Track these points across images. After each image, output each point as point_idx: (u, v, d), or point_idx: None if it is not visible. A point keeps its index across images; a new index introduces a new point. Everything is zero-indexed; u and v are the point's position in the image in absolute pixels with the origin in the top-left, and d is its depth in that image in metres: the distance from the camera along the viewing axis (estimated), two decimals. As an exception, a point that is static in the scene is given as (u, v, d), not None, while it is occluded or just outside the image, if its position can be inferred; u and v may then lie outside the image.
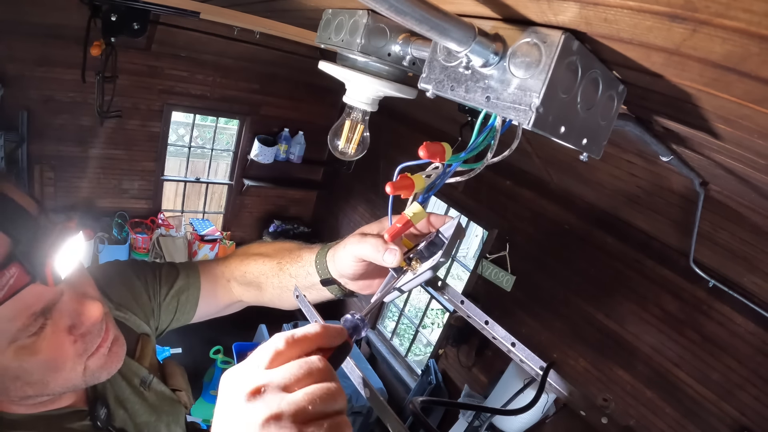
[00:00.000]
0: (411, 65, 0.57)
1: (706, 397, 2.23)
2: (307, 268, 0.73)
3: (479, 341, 3.28)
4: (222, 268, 0.89)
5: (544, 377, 0.48)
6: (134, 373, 0.72)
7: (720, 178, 1.20)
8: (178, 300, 0.85)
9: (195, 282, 0.87)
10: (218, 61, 3.89)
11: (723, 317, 2.18)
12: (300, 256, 0.76)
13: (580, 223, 2.82)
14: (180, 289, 0.85)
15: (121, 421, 0.67)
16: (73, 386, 0.57)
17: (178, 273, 0.86)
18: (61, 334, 0.53)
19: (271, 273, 0.81)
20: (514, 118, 0.39)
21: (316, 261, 0.71)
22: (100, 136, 3.74)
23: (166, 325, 0.86)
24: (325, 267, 0.69)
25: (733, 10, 0.25)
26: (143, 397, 0.71)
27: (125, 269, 0.83)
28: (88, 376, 0.57)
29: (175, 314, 0.85)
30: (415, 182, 0.50)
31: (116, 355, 0.60)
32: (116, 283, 0.78)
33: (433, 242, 0.53)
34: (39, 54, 3.18)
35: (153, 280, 0.83)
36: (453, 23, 0.35)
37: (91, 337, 0.56)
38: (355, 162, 2.96)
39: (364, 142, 0.66)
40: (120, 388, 0.69)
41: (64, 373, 0.54)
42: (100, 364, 0.58)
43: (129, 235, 4.00)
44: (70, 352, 0.54)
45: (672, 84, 0.41)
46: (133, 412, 0.69)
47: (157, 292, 0.83)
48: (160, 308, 0.83)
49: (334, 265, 0.67)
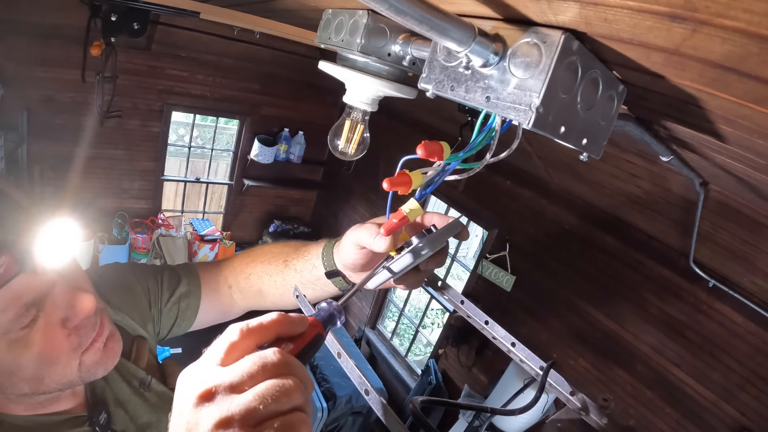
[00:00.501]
0: (411, 65, 0.57)
1: (706, 397, 2.23)
2: (313, 261, 0.74)
3: (479, 341, 3.28)
4: (226, 273, 0.88)
5: (544, 377, 0.48)
6: (132, 375, 0.72)
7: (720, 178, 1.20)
8: (178, 307, 0.84)
9: (196, 290, 0.86)
10: (218, 61, 3.89)
11: (723, 317, 2.18)
12: (307, 251, 0.77)
13: (580, 223, 2.82)
14: (181, 296, 0.84)
15: (122, 423, 0.66)
16: (68, 382, 0.56)
17: (179, 279, 0.86)
18: (55, 326, 0.52)
19: (276, 271, 0.81)
20: (514, 118, 0.39)
21: (323, 253, 0.72)
22: (100, 136, 3.74)
23: (167, 331, 0.86)
24: (331, 258, 0.70)
25: (733, 10, 0.25)
26: (144, 397, 0.71)
27: (125, 273, 0.83)
28: (84, 371, 0.56)
29: (176, 321, 0.85)
30: (413, 179, 0.51)
31: (112, 351, 0.59)
32: (115, 285, 0.78)
33: (424, 234, 0.53)
34: (39, 54, 3.17)
35: (155, 286, 0.83)
36: (453, 23, 0.35)
37: (86, 331, 0.56)
38: (355, 162, 2.95)
39: (364, 142, 0.66)
40: (120, 389, 0.69)
41: (59, 367, 0.54)
42: (95, 359, 0.57)
43: (129, 235, 4.00)
44: (64, 345, 0.53)
45: (672, 84, 0.41)
46: (134, 414, 0.69)
47: (158, 298, 0.83)
48: (161, 314, 0.83)
49: (339, 255, 0.68)
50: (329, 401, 3.41)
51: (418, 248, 0.50)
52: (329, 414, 3.39)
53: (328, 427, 3.49)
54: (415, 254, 0.50)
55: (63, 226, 0.51)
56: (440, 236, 0.52)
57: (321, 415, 3.34)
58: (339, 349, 0.47)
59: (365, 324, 4.36)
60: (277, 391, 0.34)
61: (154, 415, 0.71)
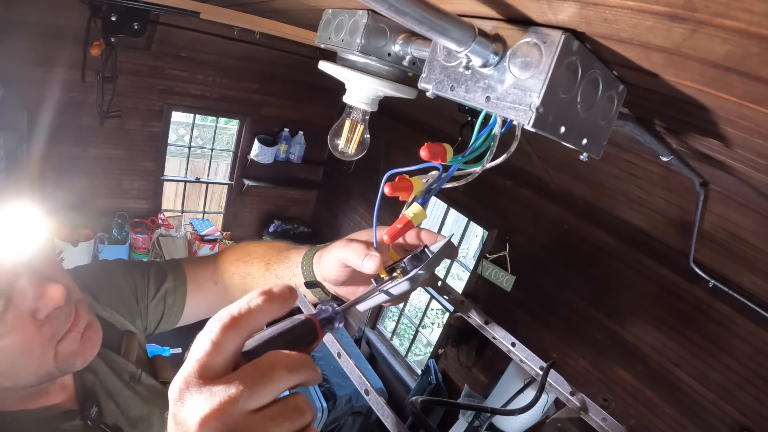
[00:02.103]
0: (411, 65, 0.57)
1: (706, 397, 2.23)
2: (293, 269, 0.72)
3: (479, 341, 3.28)
4: (211, 270, 0.88)
5: (544, 377, 0.48)
6: (123, 368, 0.72)
7: (720, 178, 1.20)
8: (164, 302, 0.84)
9: (181, 286, 0.86)
10: (218, 61, 3.89)
11: (723, 317, 2.18)
12: (288, 257, 0.75)
13: (580, 223, 2.82)
14: (167, 292, 0.84)
15: (113, 416, 0.66)
16: (46, 373, 0.55)
17: (165, 276, 0.85)
18: (24, 318, 0.51)
19: (258, 274, 0.80)
20: (514, 118, 0.39)
21: (302, 262, 0.70)
22: (100, 136, 3.74)
23: (155, 326, 0.86)
24: (310, 269, 0.68)
25: (733, 10, 0.25)
26: (135, 391, 0.71)
27: (112, 270, 0.83)
28: (61, 362, 0.56)
29: (162, 316, 0.85)
30: (414, 184, 0.50)
31: (90, 341, 0.58)
32: (102, 282, 0.78)
33: (419, 257, 0.51)
34: (39, 54, 3.17)
35: (141, 282, 0.83)
36: (453, 23, 0.35)
37: (59, 322, 0.55)
38: (355, 162, 2.96)
39: (364, 142, 0.66)
40: (110, 382, 0.69)
41: (34, 359, 0.53)
42: (72, 349, 0.56)
43: (129, 235, 4.00)
44: (36, 337, 0.53)
45: (672, 84, 0.41)
46: (125, 407, 0.68)
47: (145, 293, 0.83)
48: (148, 309, 0.83)
49: (319, 268, 0.66)
50: (329, 401, 3.41)
51: (417, 276, 0.48)
52: (329, 414, 3.39)
53: (328, 427, 3.49)
54: (413, 282, 0.49)
55: (22, 214, 0.50)
56: (436, 260, 0.51)
57: (321, 415, 3.35)
58: (339, 349, 0.47)
59: (365, 324, 4.37)
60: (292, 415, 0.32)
61: (146, 408, 0.71)
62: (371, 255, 0.53)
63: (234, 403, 0.30)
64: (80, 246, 3.57)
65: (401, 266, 0.51)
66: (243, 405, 0.30)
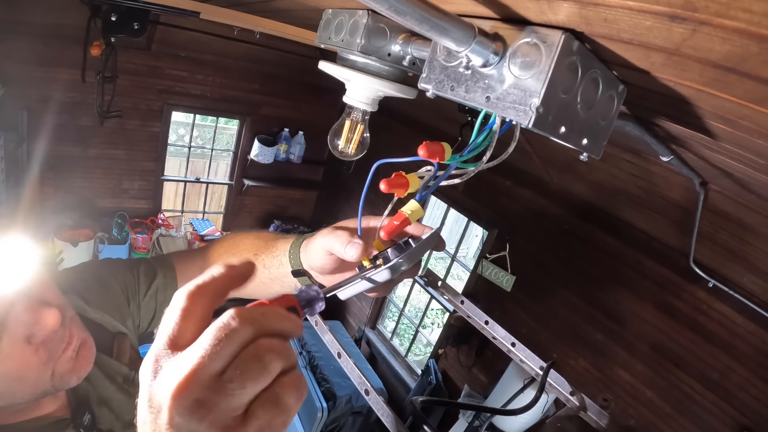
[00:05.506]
0: (411, 65, 0.57)
1: (706, 397, 2.23)
2: (280, 258, 0.72)
3: (479, 341, 3.28)
4: (200, 263, 0.88)
5: (544, 377, 0.48)
6: (116, 371, 0.71)
7: (720, 178, 1.20)
8: (156, 300, 0.84)
9: (172, 281, 0.86)
10: (218, 61, 3.89)
11: (723, 317, 2.18)
12: (275, 247, 0.75)
13: (580, 223, 2.82)
14: (158, 289, 0.84)
15: (107, 422, 0.66)
16: (42, 392, 0.56)
17: (155, 272, 0.85)
18: (19, 344, 0.52)
19: None
20: (514, 118, 0.39)
21: (290, 251, 0.70)
22: (100, 136, 3.74)
23: (147, 325, 0.85)
24: (297, 258, 0.68)
25: (733, 10, 0.25)
26: (129, 393, 0.70)
27: (101, 270, 0.82)
28: (57, 380, 0.56)
29: (155, 314, 0.85)
30: (410, 181, 0.50)
31: (84, 359, 0.59)
32: (91, 284, 0.77)
33: (403, 247, 0.51)
34: (39, 54, 3.17)
35: (131, 281, 0.82)
36: (453, 23, 0.35)
37: (54, 344, 0.55)
38: (355, 162, 2.95)
39: (364, 142, 0.66)
40: (103, 387, 0.68)
41: (31, 382, 0.54)
42: (68, 368, 0.57)
43: (129, 235, 4.00)
44: (33, 361, 0.53)
45: (672, 84, 0.41)
46: (119, 411, 0.68)
47: (135, 292, 0.82)
48: (139, 308, 0.83)
49: (306, 256, 0.65)
50: (329, 401, 3.41)
51: (397, 264, 0.48)
52: (329, 414, 3.39)
53: (328, 427, 3.49)
54: (393, 270, 0.49)
55: (16, 247, 0.50)
56: (419, 250, 0.51)
57: (321, 415, 3.35)
58: (339, 349, 0.47)
59: (365, 324, 4.37)
60: (251, 365, 0.29)
61: None
62: (353, 242, 0.53)
63: (203, 368, 0.28)
64: (80, 246, 3.57)
65: (384, 255, 0.50)
66: (210, 368, 0.29)
